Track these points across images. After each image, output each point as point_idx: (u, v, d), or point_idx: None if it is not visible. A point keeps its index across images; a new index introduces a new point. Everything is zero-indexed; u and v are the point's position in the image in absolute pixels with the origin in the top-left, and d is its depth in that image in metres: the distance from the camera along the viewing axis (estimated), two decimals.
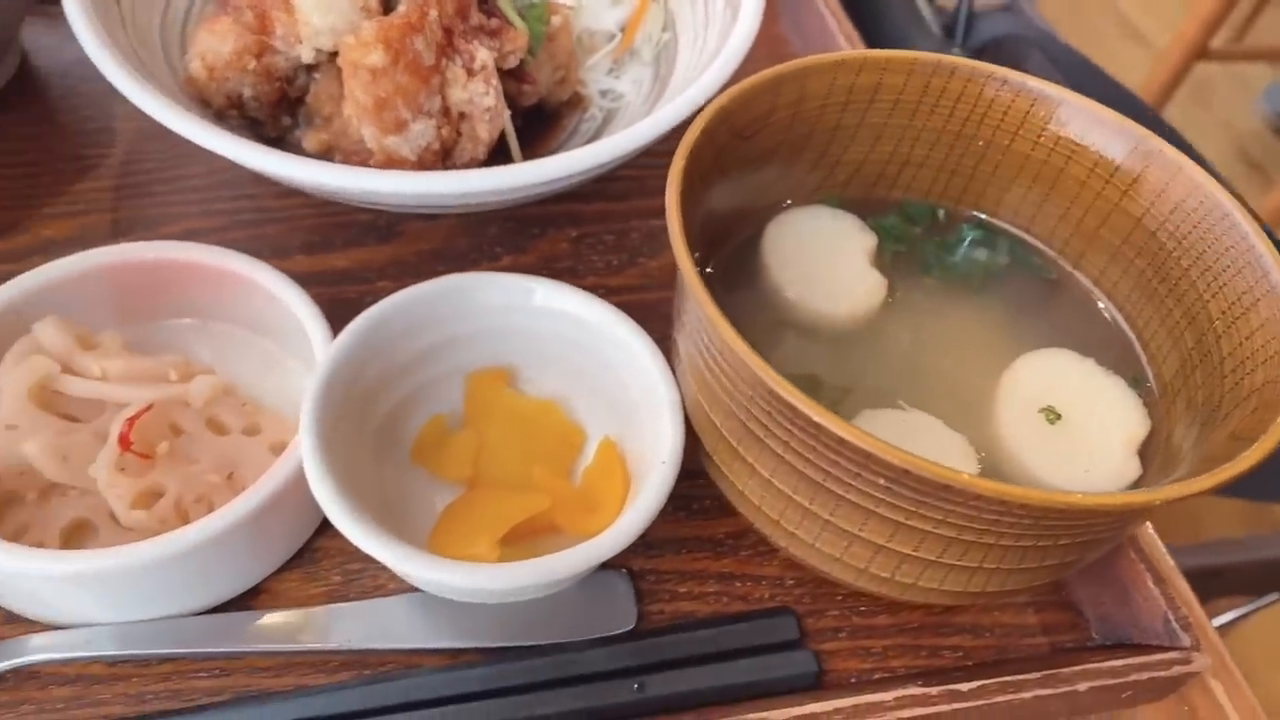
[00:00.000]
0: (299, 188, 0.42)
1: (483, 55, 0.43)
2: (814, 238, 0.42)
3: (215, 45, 0.44)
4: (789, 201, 0.44)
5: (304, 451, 0.34)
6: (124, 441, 0.36)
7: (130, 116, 0.56)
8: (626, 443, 0.40)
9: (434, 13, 0.41)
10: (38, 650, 0.35)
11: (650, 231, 0.53)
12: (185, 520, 0.36)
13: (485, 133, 0.44)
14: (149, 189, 0.53)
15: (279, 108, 0.46)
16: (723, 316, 0.31)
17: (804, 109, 0.41)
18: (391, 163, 0.42)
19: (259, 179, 0.53)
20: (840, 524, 0.33)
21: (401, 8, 0.41)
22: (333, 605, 0.38)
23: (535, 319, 0.41)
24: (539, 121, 0.52)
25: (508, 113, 0.45)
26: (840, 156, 0.43)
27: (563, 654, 0.37)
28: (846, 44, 0.62)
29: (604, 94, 0.54)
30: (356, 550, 0.39)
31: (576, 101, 0.53)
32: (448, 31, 0.42)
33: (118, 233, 0.50)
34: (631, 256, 0.52)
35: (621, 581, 0.39)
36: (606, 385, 0.41)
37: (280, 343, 0.43)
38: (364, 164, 0.42)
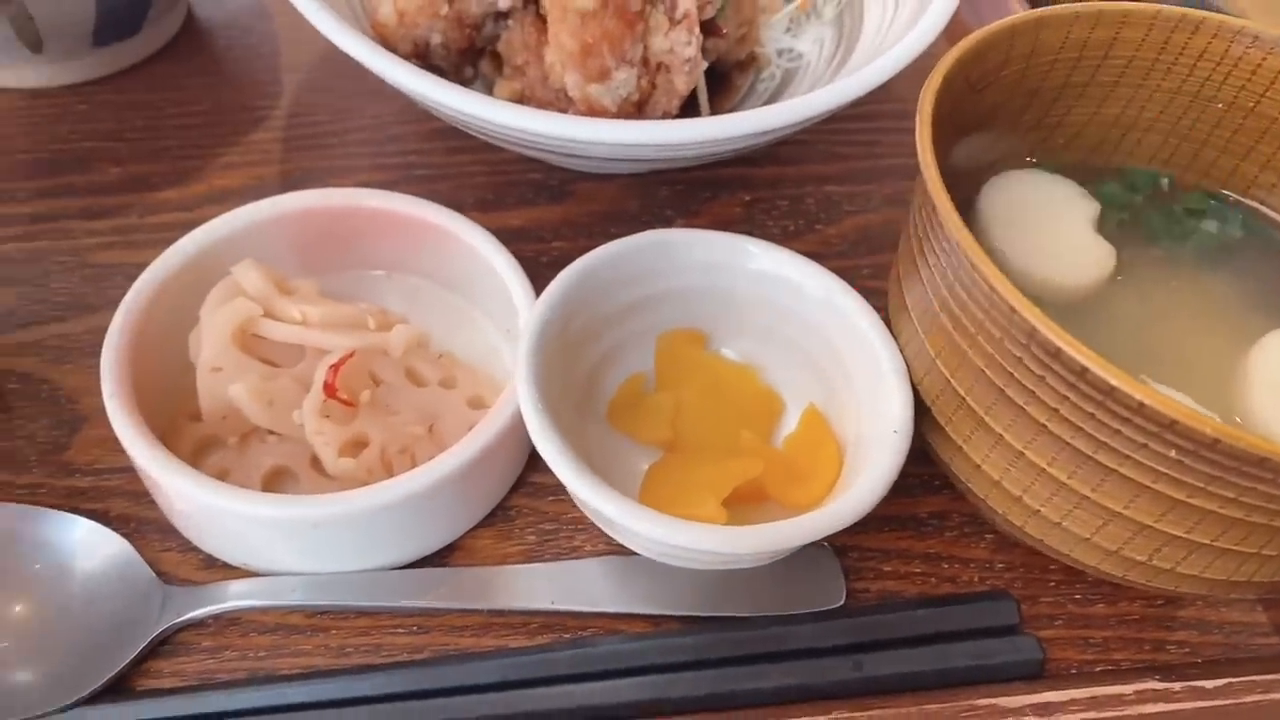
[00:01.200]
0: (504, 138, 0.41)
1: (685, 2, 0.41)
2: (1035, 204, 0.39)
3: None
4: (1002, 166, 0.41)
5: (524, 405, 0.33)
6: (329, 388, 0.35)
7: (295, 69, 0.56)
8: (831, 411, 0.38)
9: None
10: (238, 597, 0.35)
11: (825, 197, 0.51)
12: (390, 471, 0.35)
13: (683, 84, 0.42)
14: (318, 142, 0.52)
15: (465, 56, 0.45)
16: (994, 266, 0.29)
17: (1034, 63, 0.38)
18: (593, 112, 0.40)
19: (427, 135, 0.52)
20: (1102, 500, 0.30)
21: None
22: (529, 565, 0.37)
23: (737, 280, 0.39)
24: (712, 79, 0.50)
25: (704, 65, 0.43)
26: (1062, 118, 0.41)
27: (769, 628, 0.35)
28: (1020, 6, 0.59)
29: (781, 53, 0.52)
30: (549, 510, 0.39)
31: (751, 60, 0.51)
32: None
33: (290, 184, 0.49)
34: (808, 223, 0.50)
35: (827, 556, 0.37)
36: (810, 351, 0.39)
37: (469, 297, 0.42)
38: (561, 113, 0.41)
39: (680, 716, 0.34)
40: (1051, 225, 0.39)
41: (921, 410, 0.35)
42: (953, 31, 0.61)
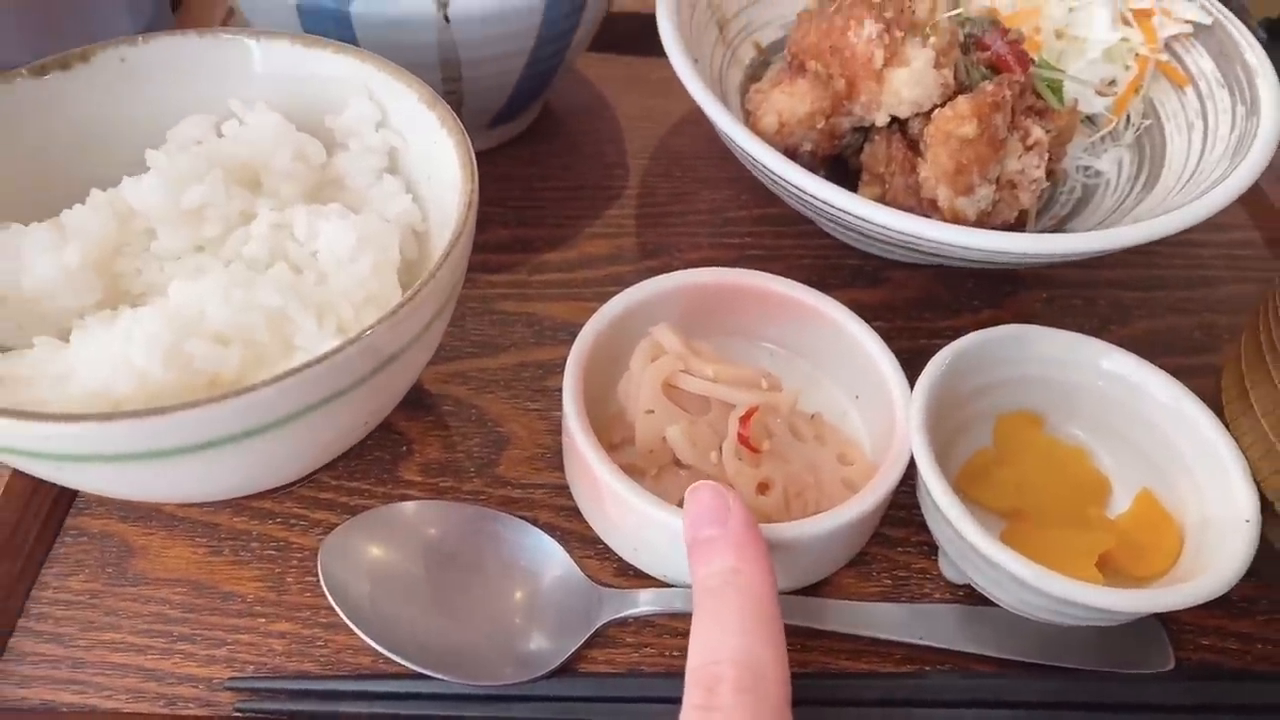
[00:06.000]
0: (863, 232, 0.48)
1: (1037, 132, 0.48)
2: None
3: (792, 104, 0.50)
4: None
5: (927, 473, 0.39)
6: (742, 437, 0.42)
7: (638, 154, 0.65)
8: (1166, 496, 0.43)
9: (1008, 93, 0.46)
10: (654, 602, 0.42)
11: (1117, 301, 0.57)
12: (789, 510, 0.42)
13: (1027, 200, 0.48)
14: (663, 220, 0.60)
15: (824, 162, 0.53)
16: None
17: None
18: (956, 219, 0.47)
19: (757, 219, 0.60)
20: None
21: (988, 86, 0.46)
22: (893, 604, 0.43)
23: (1080, 373, 0.45)
24: None
25: (1046, 184, 0.49)
26: None
27: (1107, 682, 0.40)
28: None
29: (1079, 169, 0.58)
30: (900, 560, 0.45)
31: (1052, 174, 0.57)
32: (1011, 109, 0.47)
33: (646, 254, 0.58)
34: (1102, 323, 0.55)
35: (1154, 624, 0.42)
36: (1139, 441, 0.44)
37: (819, 363, 0.49)
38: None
39: None
40: None
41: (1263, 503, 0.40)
42: None
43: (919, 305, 0.56)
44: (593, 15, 0.55)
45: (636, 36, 0.65)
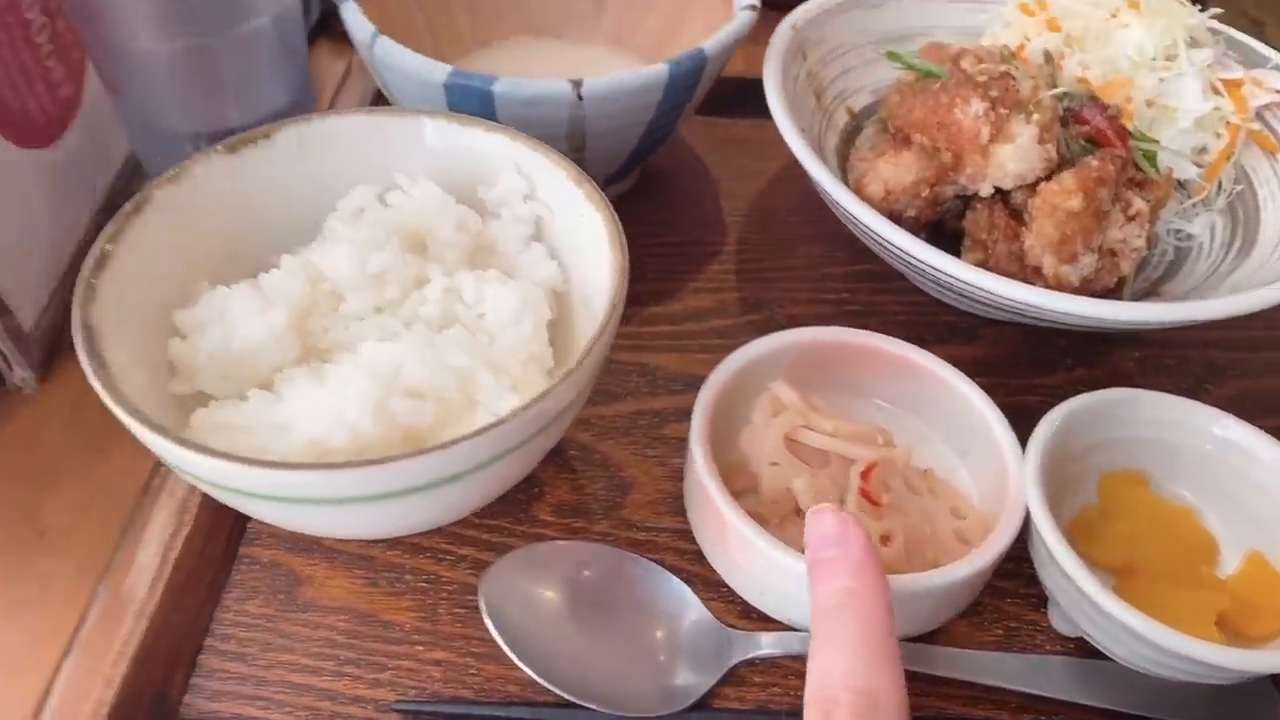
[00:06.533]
0: (970, 296, 0.51)
1: (1139, 203, 0.50)
2: None
3: (898, 174, 0.54)
4: None
5: (1038, 521, 0.42)
6: (864, 490, 0.45)
7: (735, 211, 0.69)
8: (1273, 557, 0.45)
9: (1111, 168, 0.49)
10: (778, 645, 0.44)
11: (1210, 361, 0.59)
12: (909, 563, 0.45)
13: (1127, 267, 0.51)
14: (762, 275, 0.64)
15: (925, 228, 0.56)
16: None
17: None
18: (1059, 286, 0.50)
19: (852, 275, 0.63)
20: None
21: (1093, 162, 0.49)
22: (1007, 654, 0.45)
23: (1186, 436, 0.47)
24: None
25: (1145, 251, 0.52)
26: None
27: None
28: None
29: (1170, 233, 0.60)
30: (1010, 610, 0.47)
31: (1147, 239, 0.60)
32: (1114, 181, 0.50)
33: (747, 309, 0.61)
34: (1197, 382, 0.58)
35: (1267, 683, 0.44)
36: (1247, 502, 0.46)
37: (926, 419, 0.52)
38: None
39: None
40: None
41: None
42: None
43: (1014, 362, 0.58)
44: (704, 89, 0.60)
45: (727, 99, 0.69)
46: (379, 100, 0.69)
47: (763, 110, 0.59)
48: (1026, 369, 0.58)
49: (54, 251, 0.60)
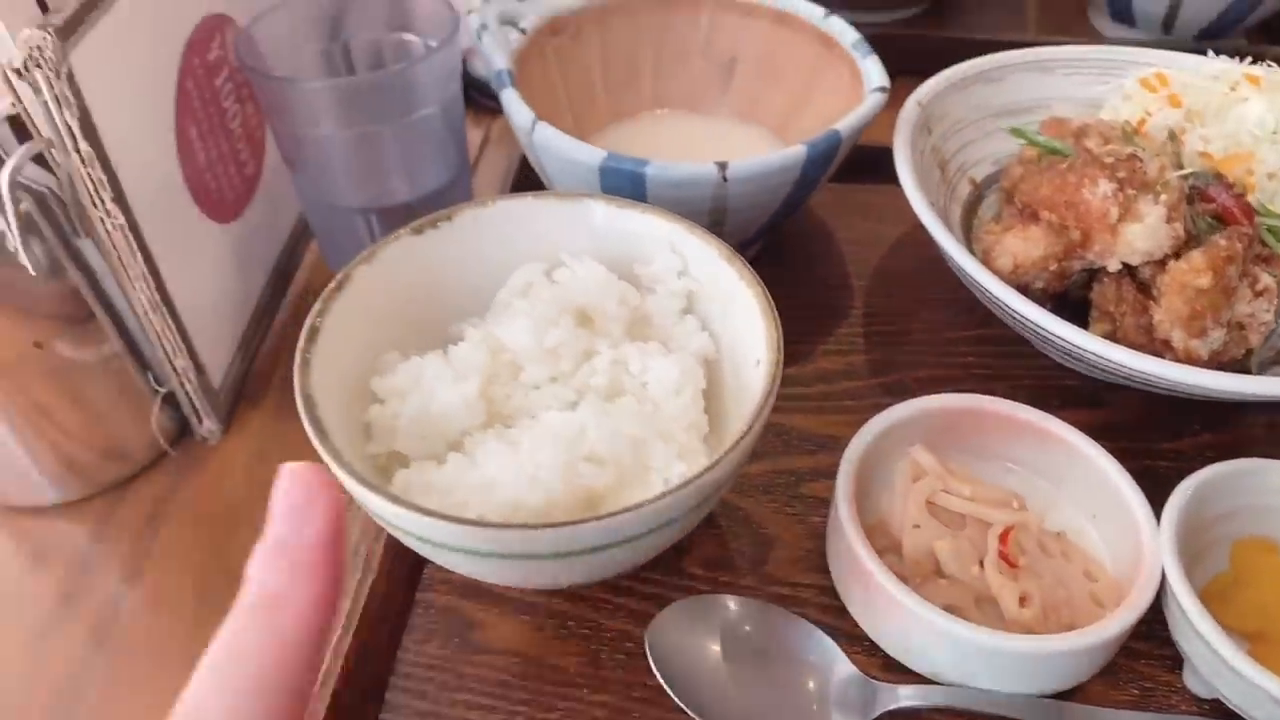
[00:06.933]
0: (1097, 365, 0.53)
1: (1266, 279, 0.52)
2: None
3: (1026, 249, 0.57)
4: None
5: (1175, 585, 0.44)
6: (1003, 553, 0.48)
7: (860, 275, 0.72)
8: None
9: (1239, 246, 0.51)
10: (921, 698, 0.47)
11: None
12: (1046, 623, 0.47)
13: (1255, 340, 0.53)
14: (889, 339, 0.67)
15: (1051, 299, 0.58)
16: None
17: None
18: (1189, 359, 0.52)
19: (976, 339, 0.66)
20: None
21: (1221, 241, 0.51)
22: (1141, 713, 0.47)
23: None
24: None
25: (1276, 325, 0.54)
26: None
27: None
28: None
29: None
30: (1144, 671, 0.49)
31: None
32: (1242, 258, 0.52)
33: (875, 372, 0.65)
34: None
35: None
36: None
37: (1055, 481, 0.54)
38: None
39: None
40: None
41: None
42: None
43: (1139, 427, 0.60)
44: (836, 164, 0.63)
45: (849, 164, 0.73)
46: (523, 169, 0.75)
47: (882, 175, 0.62)
48: (1153, 434, 0.60)
49: (236, 315, 0.67)
